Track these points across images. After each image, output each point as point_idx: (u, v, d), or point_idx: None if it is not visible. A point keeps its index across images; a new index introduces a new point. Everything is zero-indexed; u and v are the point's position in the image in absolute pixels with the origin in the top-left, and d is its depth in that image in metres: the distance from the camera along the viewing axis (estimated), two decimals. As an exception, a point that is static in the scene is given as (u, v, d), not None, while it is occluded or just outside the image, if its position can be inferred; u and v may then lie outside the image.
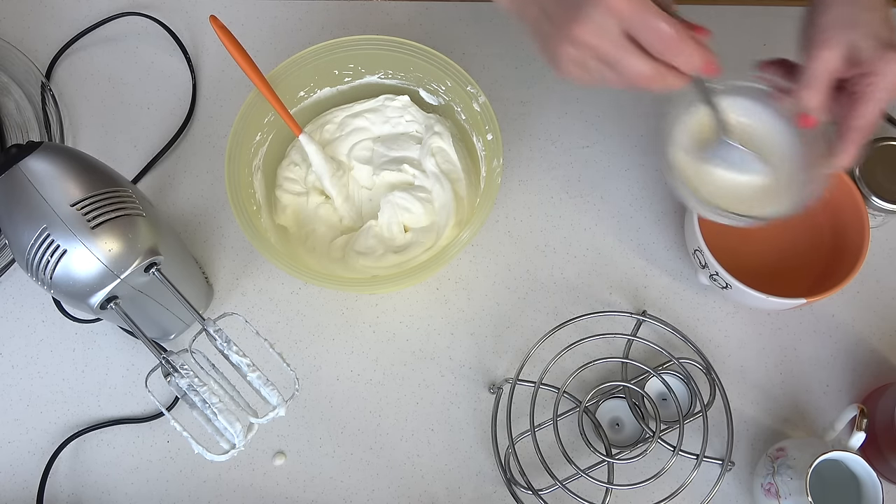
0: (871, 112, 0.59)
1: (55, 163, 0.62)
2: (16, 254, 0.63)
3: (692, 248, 0.77)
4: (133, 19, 0.93)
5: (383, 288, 0.80)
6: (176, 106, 0.90)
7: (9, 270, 0.83)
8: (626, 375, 0.78)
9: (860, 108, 0.59)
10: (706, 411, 0.74)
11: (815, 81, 0.59)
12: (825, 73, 0.59)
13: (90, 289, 0.63)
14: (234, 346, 0.62)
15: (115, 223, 0.63)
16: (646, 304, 0.82)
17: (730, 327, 0.81)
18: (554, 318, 0.81)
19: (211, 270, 0.84)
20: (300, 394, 0.77)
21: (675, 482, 0.71)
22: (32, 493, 0.77)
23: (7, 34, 0.91)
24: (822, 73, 0.59)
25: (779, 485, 0.69)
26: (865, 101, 0.58)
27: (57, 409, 0.80)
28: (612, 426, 0.78)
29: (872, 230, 0.77)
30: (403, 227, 0.79)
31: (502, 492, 0.76)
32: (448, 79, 0.78)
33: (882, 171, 0.78)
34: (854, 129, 0.60)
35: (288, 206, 0.81)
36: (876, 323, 0.81)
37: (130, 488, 0.78)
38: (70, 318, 0.81)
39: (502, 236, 0.85)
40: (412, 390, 0.80)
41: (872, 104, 0.58)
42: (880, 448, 0.73)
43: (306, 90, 0.82)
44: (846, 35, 0.58)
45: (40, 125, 0.86)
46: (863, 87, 0.58)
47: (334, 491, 0.77)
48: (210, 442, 0.61)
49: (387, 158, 0.82)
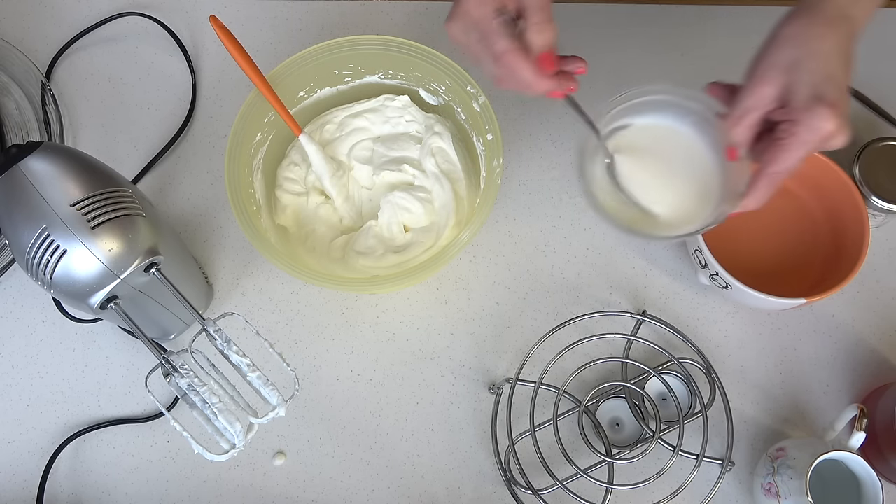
0: (787, 161, 0.57)
1: (55, 163, 0.62)
2: (16, 254, 0.63)
3: (692, 248, 0.77)
4: (133, 19, 0.93)
5: (383, 288, 0.80)
6: (176, 106, 0.90)
7: (9, 270, 0.83)
8: (626, 375, 0.78)
9: (778, 155, 0.57)
10: (706, 411, 0.74)
11: (743, 113, 0.59)
12: (755, 108, 0.58)
13: (90, 289, 0.63)
14: (234, 346, 0.62)
15: (115, 223, 0.63)
16: (646, 304, 0.82)
17: (730, 327, 0.81)
18: (554, 318, 0.81)
19: (211, 270, 0.84)
20: (300, 394, 0.77)
21: (675, 482, 0.71)
22: (32, 493, 0.77)
23: (7, 34, 0.91)
24: (752, 109, 0.58)
25: (779, 485, 0.69)
26: (784, 150, 0.57)
27: (57, 409, 0.80)
28: (612, 426, 0.78)
29: (872, 230, 0.77)
30: (403, 227, 0.79)
31: (502, 492, 0.76)
32: (448, 79, 0.78)
33: (882, 171, 0.78)
34: (766, 175, 0.58)
35: (288, 206, 0.81)
36: (876, 323, 0.81)
37: (130, 488, 0.78)
38: (70, 318, 0.81)
39: (502, 236, 0.85)
40: (412, 390, 0.80)
41: (789, 154, 0.57)
42: (880, 448, 0.73)
43: (306, 90, 0.82)
44: (785, 77, 0.57)
45: (40, 125, 0.86)
46: (786, 135, 0.57)
47: (334, 491, 0.77)
48: (210, 442, 0.61)
49: (387, 158, 0.82)
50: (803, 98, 0.56)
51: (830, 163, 0.77)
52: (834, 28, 0.58)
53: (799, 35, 0.57)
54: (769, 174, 0.58)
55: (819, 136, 0.56)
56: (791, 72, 0.57)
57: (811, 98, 0.56)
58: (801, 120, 0.56)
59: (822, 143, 0.57)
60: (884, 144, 0.79)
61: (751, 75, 0.59)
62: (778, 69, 0.57)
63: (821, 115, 0.55)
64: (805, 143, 0.56)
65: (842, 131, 0.56)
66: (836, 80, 0.56)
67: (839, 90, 0.56)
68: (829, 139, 0.56)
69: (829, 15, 0.58)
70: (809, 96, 0.56)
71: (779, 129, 0.58)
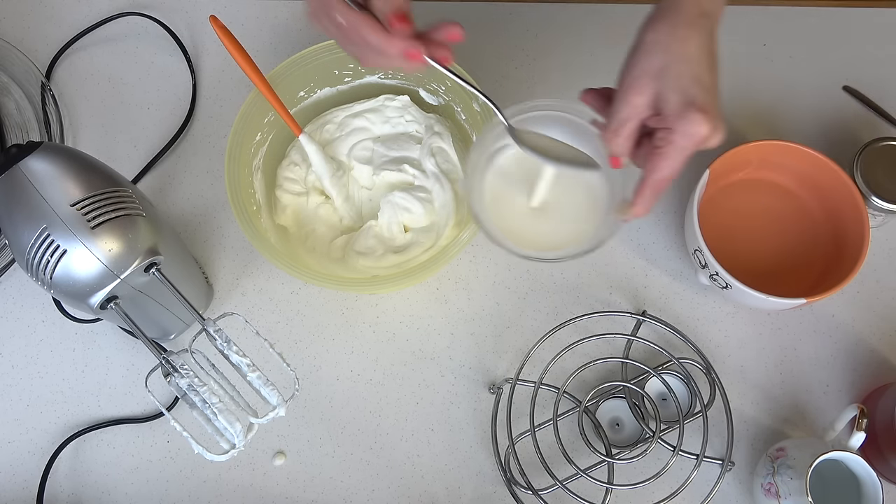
0: (666, 169, 0.58)
1: (55, 163, 0.62)
2: (16, 254, 0.63)
3: (692, 248, 0.77)
4: (133, 19, 0.93)
5: (383, 288, 0.80)
6: (176, 106, 0.90)
7: (9, 270, 0.83)
8: (626, 375, 0.78)
9: (659, 163, 0.58)
10: (706, 411, 0.74)
11: (619, 125, 0.59)
12: (629, 118, 0.59)
13: (90, 289, 0.63)
14: (234, 346, 0.62)
15: (115, 223, 0.63)
16: (646, 304, 0.82)
17: (730, 327, 0.81)
18: (554, 318, 0.81)
19: (211, 270, 0.84)
20: (300, 394, 0.77)
21: (675, 482, 0.71)
22: (32, 493, 0.77)
23: (7, 34, 0.91)
24: (627, 119, 0.59)
25: (779, 485, 0.69)
26: (664, 158, 0.58)
27: (57, 409, 0.80)
28: (612, 426, 0.78)
29: (872, 230, 0.77)
30: (403, 227, 0.79)
31: (502, 492, 0.76)
32: (448, 79, 0.78)
33: (882, 171, 0.78)
34: (648, 183, 0.60)
35: (288, 206, 0.81)
36: (876, 323, 0.81)
37: (130, 488, 0.78)
38: (70, 318, 0.81)
39: (502, 236, 0.85)
40: (412, 390, 0.80)
41: (669, 161, 0.58)
42: (880, 448, 0.73)
43: (306, 90, 0.82)
44: (655, 84, 0.57)
45: (40, 125, 0.86)
46: (664, 143, 0.58)
47: (334, 491, 0.77)
48: (210, 442, 0.61)
49: (387, 158, 0.82)
50: (675, 105, 0.57)
51: (830, 163, 0.77)
52: (696, 29, 0.58)
53: (663, 40, 0.58)
54: (653, 182, 0.59)
55: (694, 140, 0.57)
56: (660, 78, 0.57)
57: (682, 104, 0.56)
58: (675, 128, 0.57)
59: (698, 145, 0.57)
60: (884, 144, 0.79)
61: (622, 85, 0.59)
62: (647, 77, 0.57)
63: (693, 120, 0.56)
64: (682, 149, 0.57)
65: (716, 132, 0.57)
66: (704, 83, 0.57)
67: (708, 92, 0.57)
68: (705, 141, 0.57)
69: (690, 14, 0.58)
70: (680, 103, 0.56)
71: (656, 138, 0.59)
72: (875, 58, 0.90)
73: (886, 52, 0.90)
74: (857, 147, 0.80)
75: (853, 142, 0.84)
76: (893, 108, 0.86)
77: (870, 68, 0.89)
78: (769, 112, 0.88)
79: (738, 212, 0.82)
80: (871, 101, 0.87)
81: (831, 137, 0.87)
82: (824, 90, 0.88)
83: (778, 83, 0.89)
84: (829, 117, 0.88)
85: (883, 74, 0.89)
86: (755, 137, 0.80)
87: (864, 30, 0.91)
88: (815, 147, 0.77)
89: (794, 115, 0.88)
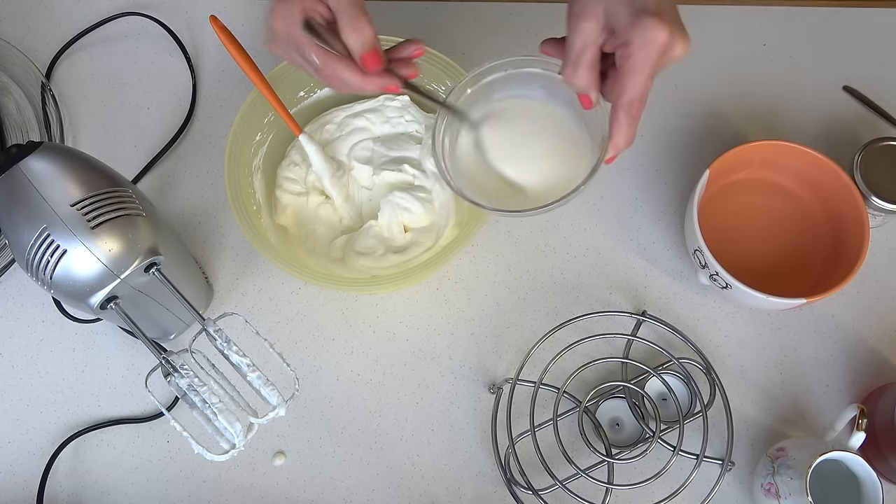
0: (636, 86, 0.54)
1: (55, 163, 0.62)
2: (16, 254, 0.63)
3: (692, 248, 0.77)
4: (133, 19, 0.93)
5: (383, 288, 0.80)
6: (176, 106, 0.90)
7: (9, 270, 0.83)
8: (626, 375, 0.78)
9: (625, 82, 0.54)
10: (706, 411, 0.74)
11: (576, 57, 0.56)
12: (585, 46, 0.56)
13: (90, 289, 0.63)
14: (234, 346, 0.62)
15: (115, 223, 0.63)
16: (646, 304, 0.82)
17: (730, 327, 0.81)
18: (554, 318, 0.81)
19: (211, 270, 0.84)
20: (300, 394, 0.77)
21: (675, 482, 0.71)
22: (32, 493, 0.77)
23: (7, 34, 0.91)
24: (582, 48, 0.56)
25: (779, 485, 0.69)
26: (628, 75, 0.54)
27: (57, 409, 0.80)
28: (612, 426, 0.78)
29: (872, 230, 0.77)
30: (403, 227, 0.79)
31: (502, 492, 0.76)
32: (448, 79, 0.78)
33: (882, 171, 0.78)
34: (622, 107, 0.56)
35: (288, 206, 0.81)
36: (876, 323, 0.81)
37: (130, 488, 0.78)
38: (70, 318, 0.81)
39: (502, 236, 0.85)
40: (412, 390, 0.80)
41: (634, 78, 0.54)
42: (880, 448, 0.73)
43: (306, 90, 0.82)
44: (602, 4, 0.54)
45: (40, 125, 0.86)
46: (624, 59, 0.54)
47: (334, 491, 0.77)
48: (210, 442, 0.61)
49: (387, 158, 0.82)
50: (625, 16, 0.53)
51: (830, 163, 0.77)
52: None
53: None
54: (624, 105, 0.56)
55: (655, 47, 0.53)
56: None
57: (633, 13, 0.53)
58: (631, 39, 0.53)
59: (661, 55, 0.54)
60: (884, 144, 0.79)
61: (571, 16, 0.56)
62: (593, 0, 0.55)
63: (647, 25, 0.52)
64: (645, 61, 0.54)
65: (677, 38, 0.54)
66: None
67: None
68: (668, 50, 0.54)
69: None
70: (630, 13, 0.53)
71: (616, 57, 0.55)
72: (875, 58, 0.90)
73: (886, 52, 0.90)
74: (857, 147, 0.80)
75: (853, 142, 0.84)
76: (893, 108, 0.86)
77: (870, 68, 0.89)
78: (769, 112, 0.88)
79: (738, 212, 0.82)
80: (871, 101, 0.87)
81: (831, 137, 0.87)
82: (824, 90, 0.88)
83: (778, 83, 0.89)
84: (829, 117, 0.88)
85: (883, 74, 0.89)
86: (755, 137, 0.80)
87: (864, 30, 0.91)
88: (815, 147, 0.77)
89: (794, 115, 0.88)
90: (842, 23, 0.91)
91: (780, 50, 0.91)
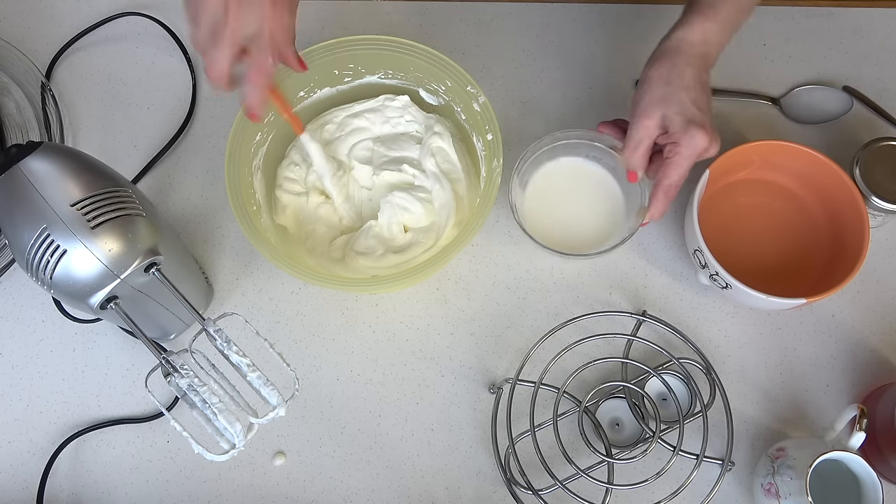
0: (675, 175, 0.72)
1: (55, 163, 0.62)
2: (16, 254, 0.63)
3: (692, 248, 0.77)
4: (133, 19, 0.93)
5: (383, 288, 0.80)
6: (176, 106, 0.90)
7: (9, 270, 0.83)
8: (626, 375, 0.78)
9: (669, 171, 0.72)
10: (706, 411, 0.74)
11: (636, 144, 0.73)
12: (643, 138, 0.72)
13: (90, 289, 0.63)
14: (234, 346, 0.62)
15: (115, 223, 0.63)
16: (646, 304, 0.82)
17: (730, 327, 0.81)
18: (554, 318, 0.81)
19: (211, 270, 0.84)
20: (300, 394, 0.77)
21: (675, 482, 0.71)
22: (32, 493, 0.77)
23: (7, 34, 0.91)
24: (641, 139, 0.72)
25: (779, 485, 0.69)
26: (672, 167, 0.72)
27: (57, 409, 0.80)
28: (612, 426, 0.78)
29: (872, 230, 0.77)
30: (403, 227, 0.79)
31: (502, 492, 0.76)
32: (448, 79, 0.78)
33: (882, 171, 0.78)
34: (661, 187, 0.73)
35: (288, 206, 0.81)
36: (876, 323, 0.81)
37: (130, 488, 0.78)
38: (70, 318, 0.81)
39: (502, 236, 0.85)
40: (412, 390, 0.80)
41: (676, 169, 0.72)
42: (880, 448, 0.73)
43: (306, 90, 0.82)
44: (661, 109, 0.71)
45: (40, 125, 0.86)
46: (672, 154, 0.71)
47: (334, 491, 0.77)
48: (210, 442, 0.61)
49: (387, 158, 0.82)
50: (679, 124, 0.70)
51: (830, 163, 0.77)
52: (692, 65, 0.71)
53: (665, 75, 0.71)
54: (664, 187, 0.73)
55: (696, 150, 0.71)
56: (665, 105, 0.71)
57: (685, 123, 0.70)
58: (680, 141, 0.70)
59: (699, 155, 0.71)
60: (884, 144, 0.79)
61: (635, 113, 0.73)
62: (655, 105, 0.71)
63: (694, 134, 0.70)
64: (687, 158, 0.71)
65: (713, 143, 0.71)
66: (700, 106, 0.71)
67: (704, 113, 0.71)
68: (705, 151, 0.71)
69: (688, 55, 0.72)
70: (683, 122, 0.70)
71: (665, 151, 0.73)
72: (875, 58, 0.90)
73: (886, 52, 0.90)
74: (857, 147, 0.80)
75: (853, 142, 0.84)
76: (893, 108, 0.87)
77: (870, 68, 0.89)
78: (769, 112, 0.88)
79: (738, 212, 0.82)
80: (871, 101, 0.87)
81: (831, 137, 0.87)
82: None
83: (778, 83, 0.89)
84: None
85: (883, 74, 0.89)
86: (755, 137, 0.80)
87: (864, 30, 0.91)
88: (815, 147, 0.77)
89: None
90: (842, 23, 0.91)
91: (780, 50, 0.91)
